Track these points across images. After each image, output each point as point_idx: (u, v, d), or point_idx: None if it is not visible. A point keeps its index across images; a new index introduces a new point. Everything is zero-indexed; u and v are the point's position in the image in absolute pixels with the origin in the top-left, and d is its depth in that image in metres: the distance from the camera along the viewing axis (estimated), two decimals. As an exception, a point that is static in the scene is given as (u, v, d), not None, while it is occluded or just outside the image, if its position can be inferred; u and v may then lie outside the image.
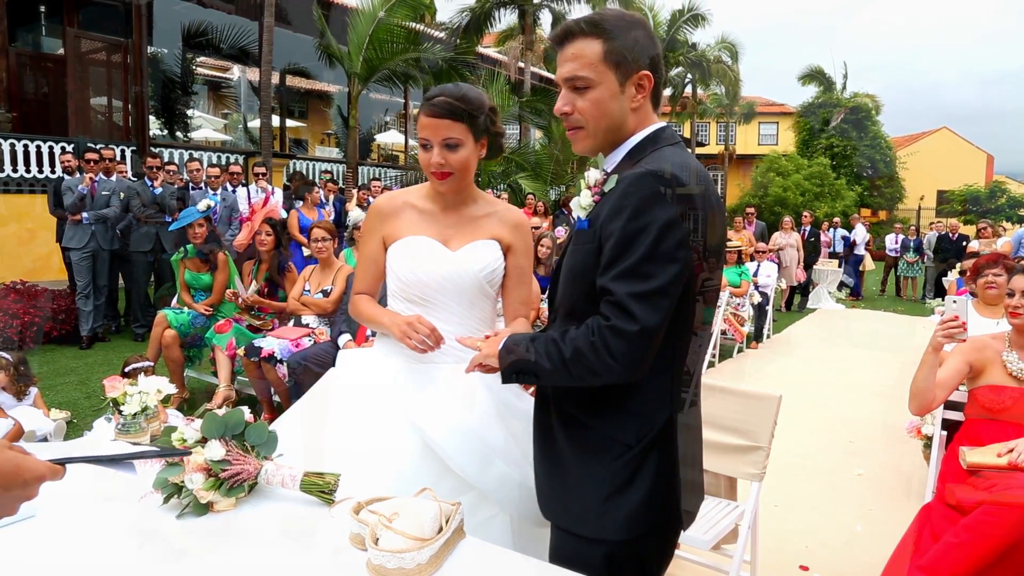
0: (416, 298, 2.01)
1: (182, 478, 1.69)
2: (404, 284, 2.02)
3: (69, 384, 6.00)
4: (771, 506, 3.95)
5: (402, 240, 2.03)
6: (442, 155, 1.93)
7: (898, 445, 5.05)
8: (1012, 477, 2.51)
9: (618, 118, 1.52)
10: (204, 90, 19.78)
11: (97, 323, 7.61)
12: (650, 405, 1.49)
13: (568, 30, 1.52)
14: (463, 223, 2.06)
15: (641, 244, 1.37)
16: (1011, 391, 2.81)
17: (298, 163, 15.49)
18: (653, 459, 1.48)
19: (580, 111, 1.52)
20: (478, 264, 2.01)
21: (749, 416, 2.75)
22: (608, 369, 1.40)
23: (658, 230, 1.36)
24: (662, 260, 1.37)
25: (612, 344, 1.38)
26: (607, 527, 1.49)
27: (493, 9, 18.59)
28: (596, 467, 1.50)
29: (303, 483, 1.73)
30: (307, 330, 5.01)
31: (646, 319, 1.36)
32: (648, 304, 1.37)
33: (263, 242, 5.46)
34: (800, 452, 4.97)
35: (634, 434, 1.48)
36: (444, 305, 2.00)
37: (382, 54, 13.91)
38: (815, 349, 9.22)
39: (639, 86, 1.51)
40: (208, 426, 1.77)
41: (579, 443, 1.54)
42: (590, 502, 1.50)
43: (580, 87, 1.50)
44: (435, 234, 2.03)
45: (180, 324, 5.43)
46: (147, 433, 2.13)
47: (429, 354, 1.91)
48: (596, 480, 1.50)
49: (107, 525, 1.65)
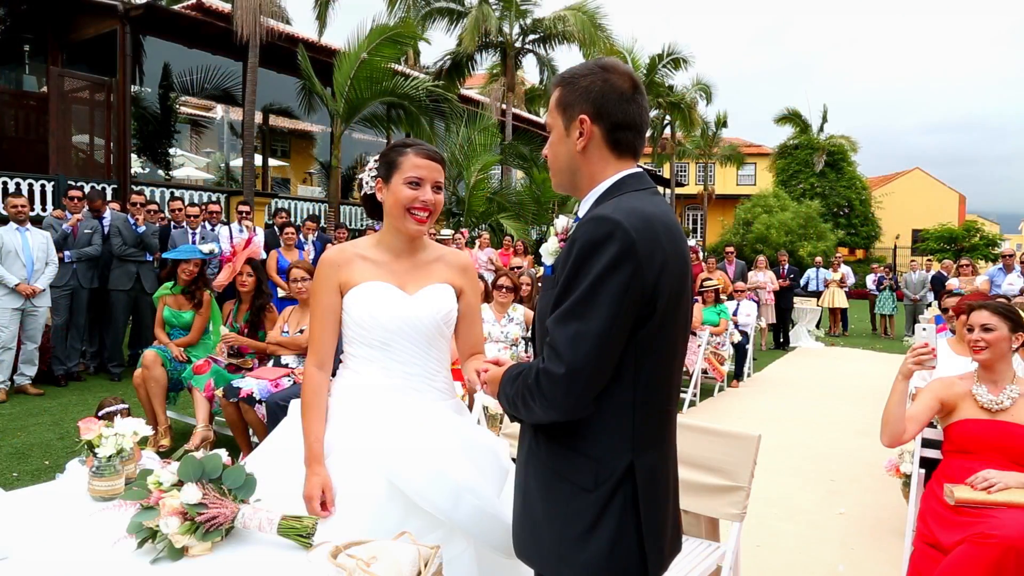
0: (375, 342, 2.04)
1: (157, 522, 1.67)
2: (363, 329, 2.04)
3: (42, 425, 5.89)
4: (753, 546, 3.94)
5: (360, 286, 2.06)
6: (432, 195, 2.03)
7: (879, 483, 5.06)
8: (1000, 513, 2.53)
9: (566, 161, 1.59)
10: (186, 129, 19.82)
11: (73, 362, 7.51)
12: (607, 449, 1.47)
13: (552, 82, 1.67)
14: (416, 268, 2.12)
15: (577, 287, 1.40)
16: (984, 424, 2.86)
17: (280, 202, 15.52)
18: (616, 505, 1.46)
19: (545, 155, 1.65)
20: (435, 307, 2.07)
21: (729, 456, 2.76)
22: (543, 409, 1.44)
23: (596, 274, 1.38)
24: (597, 304, 1.37)
25: (544, 385, 1.41)
26: (566, 571, 1.48)
27: (475, 52, 18.92)
28: (559, 508, 1.50)
29: (280, 527, 1.71)
30: (286, 370, 4.97)
31: (573, 361, 1.38)
32: (577, 346, 1.38)
33: (244, 283, 5.43)
34: (781, 491, 4.96)
35: (591, 478, 1.47)
36: (403, 348, 2.04)
37: (364, 94, 14.06)
38: (795, 388, 9.26)
39: (580, 130, 1.55)
40: (185, 469, 1.76)
41: (541, 482, 1.54)
42: (552, 543, 1.50)
43: (547, 133, 1.64)
44: (391, 279, 2.08)
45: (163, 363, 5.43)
46: (122, 476, 2.10)
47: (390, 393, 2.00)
48: (558, 521, 1.49)
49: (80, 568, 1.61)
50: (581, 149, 1.55)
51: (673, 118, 27.00)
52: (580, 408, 1.43)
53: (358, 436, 1.97)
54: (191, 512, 1.67)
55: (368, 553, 1.47)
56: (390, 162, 2.05)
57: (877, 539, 4.19)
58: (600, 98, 1.53)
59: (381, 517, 1.83)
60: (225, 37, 12.97)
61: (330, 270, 2.09)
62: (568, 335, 1.39)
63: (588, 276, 1.38)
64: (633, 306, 1.40)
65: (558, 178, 1.64)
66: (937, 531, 2.68)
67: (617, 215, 1.40)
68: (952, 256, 24.00)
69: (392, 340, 2.03)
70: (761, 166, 36.84)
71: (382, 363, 2.04)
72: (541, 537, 1.53)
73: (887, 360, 11.69)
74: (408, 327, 2.03)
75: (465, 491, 1.85)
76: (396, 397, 2.00)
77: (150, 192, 12.42)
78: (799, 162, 32.21)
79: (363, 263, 2.09)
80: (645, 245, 1.39)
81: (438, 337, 2.08)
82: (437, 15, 18.69)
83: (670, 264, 1.45)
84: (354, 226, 16.06)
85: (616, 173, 1.56)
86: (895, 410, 2.90)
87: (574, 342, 1.38)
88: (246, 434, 4.89)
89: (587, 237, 1.40)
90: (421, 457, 1.88)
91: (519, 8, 18.84)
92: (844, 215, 31.35)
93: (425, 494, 1.84)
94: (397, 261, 2.11)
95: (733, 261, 12.45)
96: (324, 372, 2.08)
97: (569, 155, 1.58)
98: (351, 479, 1.91)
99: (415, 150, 2.03)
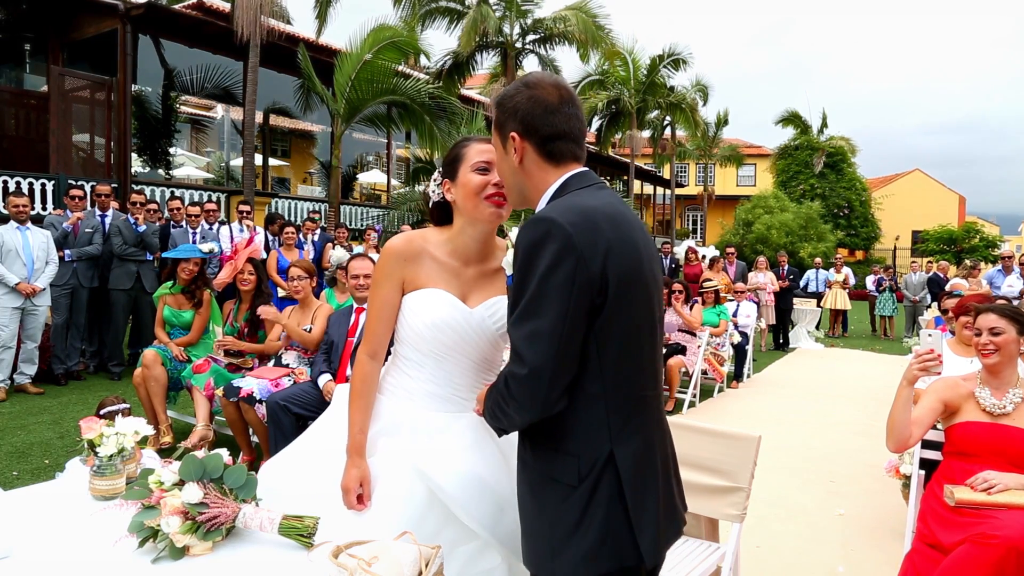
0: (429, 351, 1.97)
1: (158, 521, 1.67)
2: (418, 337, 1.96)
3: (42, 424, 5.89)
4: (752, 547, 3.94)
5: (421, 292, 1.96)
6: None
7: (878, 484, 5.06)
8: (1002, 513, 2.53)
9: (510, 177, 1.67)
10: (187, 128, 19.83)
11: (73, 361, 7.51)
12: (585, 443, 1.49)
13: None
14: (481, 277, 2.01)
15: (527, 289, 1.44)
16: (985, 427, 2.86)
17: (280, 202, 15.51)
18: (602, 497, 1.48)
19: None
20: (494, 321, 1.97)
21: (729, 457, 2.76)
22: (517, 411, 1.48)
23: (540, 273, 1.42)
24: (546, 301, 1.42)
25: (512, 388, 1.46)
26: (561, 570, 1.50)
27: (476, 52, 18.92)
28: (547, 508, 1.52)
29: (282, 526, 1.71)
30: (287, 370, 4.97)
31: (533, 360, 1.42)
32: (533, 345, 1.42)
33: (245, 281, 5.44)
34: (781, 492, 4.97)
35: (574, 474, 1.49)
36: (456, 361, 1.97)
37: (365, 94, 14.06)
38: (795, 389, 9.27)
39: (514, 147, 1.61)
40: (186, 469, 1.76)
41: (530, 484, 1.58)
42: (546, 544, 1.52)
43: None
44: (455, 289, 1.97)
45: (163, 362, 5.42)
46: (123, 475, 2.10)
47: (438, 401, 1.96)
48: (548, 522, 1.52)
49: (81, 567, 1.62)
50: (519, 164, 1.62)
51: (674, 119, 27.00)
52: (549, 405, 1.46)
53: (402, 443, 1.92)
54: (192, 511, 1.67)
55: (369, 553, 1.47)
56: (452, 159, 1.96)
57: (877, 540, 4.19)
58: (527, 115, 1.59)
59: (418, 524, 1.78)
60: (226, 36, 12.98)
61: (396, 263, 1.98)
62: (524, 335, 1.44)
63: (535, 276, 1.43)
64: (583, 297, 1.43)
65: (510, 196, 1.73)
66: (938, 531, 2.68)
67: (552, 214, 1.46)
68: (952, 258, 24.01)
69: (446, 353, 1.95)
70: (761, 167, 36.87)
71: (432, 371, 1.97)
72: (535, 538, 1.55)
73: (887, 361, 11.70)
74: (464, 341, 1.95)
75: (508, 506, 1.80)
76: (443, 407, 1.95)
77: (150, 191, 12.43)
78: (799, 163, 32.23)
79: (432, 264, 1.98)
80: (584, 236, 1.43)
81: (493, 350, 2.01)
82: (438, 15, 18.68)
83: (615, 250, 1.47)
84: (354, 226, 16.06)
85: (558, 179, 1.60)
86: (900, 416, 2.89)
87: (531, 341, 1.42)
88: (246, 434, 4.89)
89: (527, 239, 1.46)
90: (465, 470, 1.84)
91: (520, 8, 18.85)
92: (844, 216, 31.38)
93: (468, 508, 1.80)
94: (465, 268, 1.99)
95: (734, 262, 12.45)
96: (376, 363, 2.01)
97: (512, 171, 1.65)
98: (391, 483, 1.87)
99: (476, 139, 1.98)
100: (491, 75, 21.25)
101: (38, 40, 13.42)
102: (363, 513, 1.83)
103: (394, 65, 14.39)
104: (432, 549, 1.54)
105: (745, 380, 9.57)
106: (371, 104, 14.47)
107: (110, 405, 4.40)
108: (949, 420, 2.99)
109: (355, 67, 13.72)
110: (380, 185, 21.67)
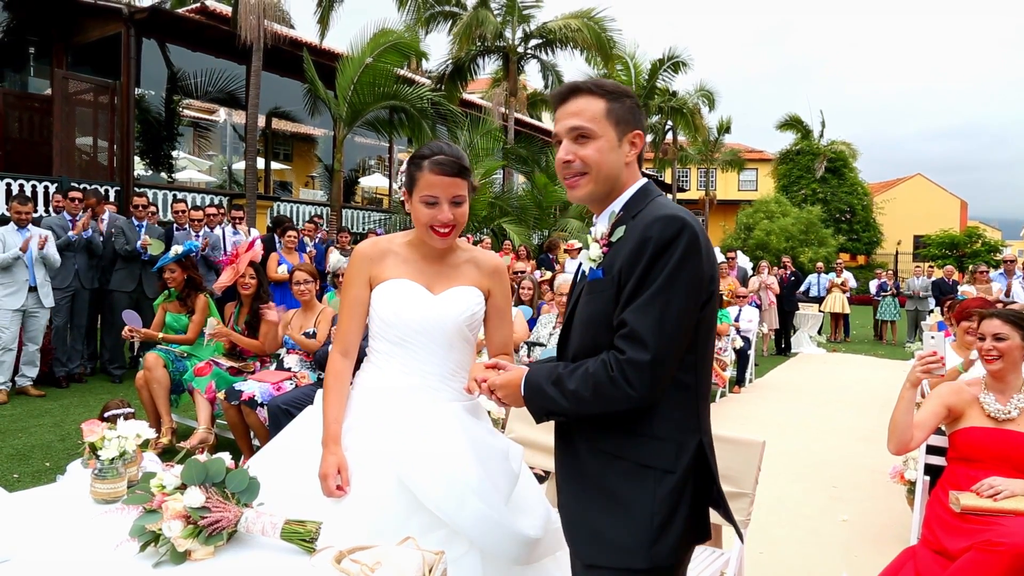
0: (397, 339, 2.09)
1: (160, 525, 1.66)
2: (386, 325, 2.10)
3: (43, 426, 5.89)
4: (756, 553, 3.92)
5: (387, 282, 2.11)
6: (451, 211, 2.04)
7: (882, 490, 5.04)
8: (1008, 520, 2.51)
9: (614, 169, 1.67)
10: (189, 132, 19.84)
11: (74, 364, 7.50)
12: (679, 430, 1.58)
13: (575, 88, 1.69)
14: (445, 269, 2.16)
15: (654, 280, 1.51)
16: (990, 432, 2.84)
17: (282, 205, 15.51)
18: (691, 482, 1.58)
19: (584, 159, 1.66)
20: (459, 308, 2.11)
21: (733, 462, 2.74)
22: (627, 398, 1.51)
23: (672, 267, 1.50)
24: (674, 293, 1.50)
25: (629, 374, 1.50)
26: (660, 554, 1.55)
27: (477, 56, 18.91)
28: (642, 497, 1.56)
29: (284, 531, 1.70)
30: (288, 373, 4.96)
31: (657, 347, 1.49)
32: (660, 333, 1.49)
33: (246, 284, 5.43)
34: (784, 498, 4.95)
35: (672, 459, 1.57)
36: (424, 347, 2.09)
37: (367, 98, 14.07)
38: (797, 394, 9.24)
39: (632, 143, 1.68)
40: (188, 473, 1.75)
41: (616, 476, 1.60)
42: (642, 534, 1.55)
43: (583, 138, 1.65)
44: (419, 279, 2.13)
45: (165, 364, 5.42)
46: (124, 479, 2.09)
47: (408, 392, 2.04)
48: (644, 510, 1.56)
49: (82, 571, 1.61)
50: (628, 162, 1.69)
51: (675, 123, 26.98)
52: (659, 392, 1.54)
53: (369, 436, 2.01)
54: (194, 516, 1.66)
55: (372, 559, 1.46)
56: (410, 175, 2.07)
57: (880, 546, 4.17)
58: (642, 119, 1.73)
59: (384, 511, 1.87)
60: (229, 40, 13.00)
61: (363, 263, 2.15)
62: (650, 323, 1.50)
63: (665, 268, 1.51)
64: (701, 292, 1.55)
65: (596, 184, 1.68)
66: (943, 538, 2.66)
67: (681, 214, 1.56)
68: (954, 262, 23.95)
69: (413, 338, 2.08)
70: (763, 172, 36.84)
71: (402, 360, 2.09)
72: (625, 531, 1.57)
73: (889, 366, 11.67)
74: (430, 327, 2.08)
75: (471, 494, 1.85)
76: (411, 396, 2.04)
77: (152, 195, 12.43)
78: (800, 168, 32.21)
79: (395, 259, 2.15)
80: (703, 238, 1.56)
81: (459, 339, 2.12)
82: (441, 18, 18.68)
83: (712, 253, 1.63)
84: (356, 229, 16.06)
85: (636, 181, 1.71)
86: (902, 418, 2.88)
87: (658, 329, 1.49)
88: (248, 437, 4.88)
89: (660, 234, 1.53)
90: (428, 458, 1.90)
91: (521, 13, 18.83)
92: (846, 221, 31.34)
93: (430, 495, 1.86)
94: (427, 261, 2.15)
95: (735, 266, 12.44)
96: (347, 360, 2.15)
97: (618, 165, 1.67)
98: (358, 474, 1.95)
99: (430, 164, 2.01)
100: (492, 80, 21.23)
101: (42, 43, 13.45)
102: (339, 502, 1.91)
103: (396, 69, 14.40)
104: (436, 555, 1.53)
105: (747, 385, 9.55)
106: (373, 108, 14.48)
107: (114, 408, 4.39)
108: (953, 425, 2.97)
109: (357, 71, 13.74)
110: (382, 189, 21.67)
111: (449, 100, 16.80)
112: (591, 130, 1.64)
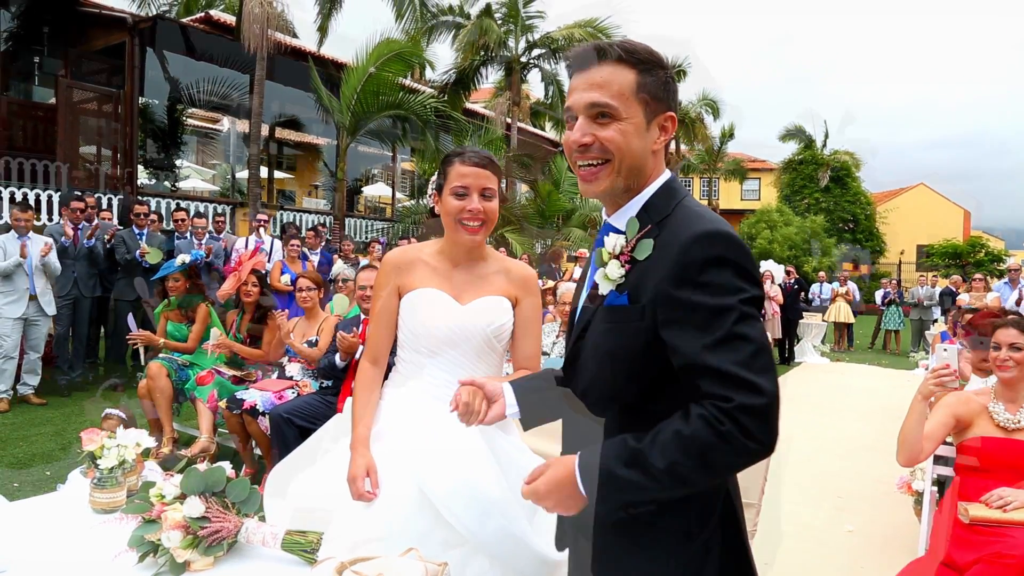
0: (424, 349, 2.07)
1: (159, 536, 1.64)
2: (414, 335, 2.08)
3: (44, 435, 5.87)
4: (761, 564, 3.87)
5: (415, 291, 2.08)
6: (480, 203, 2.00)
7: (887, 501, 5.00)
8: (1017, 532, 2.48)
9: (640, 157, 1.35)
10: (193, 140, 19.92)
11: (76, 372, 7.48)
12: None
13: (599, 51, 1.33)
14: (474, 279, 2.11)
15: (727, 309, 1.22)
16: (1000, 442, 2.81)
17: (285, 214, 15.54)
18: (716, 540, 1.34)
19: (606, 142, 1.33)
20: (486, 318, 2.07)
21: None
22: (750, 453, 1.22)
23: (737, 291, 1.23)
24: (750, 319, 1.23)
25: (747, 424, 1.19)
26: None
27: (480, 66, 18.97)
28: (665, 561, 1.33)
29: (285, 542, 1.68)
30: (290, 382, 4.94)
31: (768, 384, 1.20)
32: (761, 368, 1.21)
33: (248, 292, 5.42)
34: (789, 509, 4.90)
35: (696, 519, 1.32)
36: (451, 357, 2.06)
37: (370, 108, 14.11)
38: (801, 403, 9.19)
39: (663, 127, 1.37)
40: (188, 482, 1.73)
41: (637, 542, 1.35)
42: None
43: (605, 116, 1.32)
44: (447, 288, 2.09)
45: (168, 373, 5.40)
46: (124, 488, 2.07)
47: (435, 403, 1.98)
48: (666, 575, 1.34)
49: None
50: (656, 150, 1.37)
51: (678, 132, 27.00)
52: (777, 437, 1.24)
53: (398, 445, 1.98)
54: (193, 526, 1.64)
55: (374, 570, 1.44)
56: (442, 173, 2.06)
57: (887, 557, 4.12)
58: (676, 97, 1.38)
59: (409, 523, 1.84)
60: (232, 50, 13.05)
61: (391, 271, 2.13)
62: (745, 359, 1.20)
63: (732, 295, 1.23)
64: (760, 307, 1.30)
65: (619, 177, 1.35)
66: (951, 549, 2.63)
67: (723, 227, 1.28)
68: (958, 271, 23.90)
69: (440, 348, 2.05)
70: (765, 181, 36.84)
71: (430, 371, 2.07)
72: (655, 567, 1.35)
73: (894, 376, 11.61)
74: (457, 336, 2.04)
75: (494, 510, 1.82)
76: (438, 408, 1.96)
77: (155, 203, 12.46)
78: (804, 177, 32.23)
79: (423, 268, 2.11)
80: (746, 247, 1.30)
81: (487, 349, 2.08)
82: (443, 28, 18.76)
83: None
84: (359, 239, 16.08)
85: (661, 174, 1.40)
86: (913, 430, 2.84)
87: (757, 364, 1.20)
88: (249, 446, 4.85)
89: (711, 255, 1.24)
90: (452, 473, 1.87)
91: (524, 23, 18.90)
92: (849, 230, 31.31)
93: (453, 510, 1.83)
94: (456, 270, 2.11)
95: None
96: (377, 368, 2.13)
97: (644, 153, 1.35)
98: (387, 483, 1.92)
99: (461, 158, 2.02)
100: (495, 89, 21.29)
101: (47, 53, 13.52)
102: (360, 511, 1.88)
103: (399, 78, 14.45)
104: (438, 566, 1.50)
105: (751, 394, 9.49)
106: (376, 117, 14.53)
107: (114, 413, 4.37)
108: (962, 435, 2.94)
109: (360, 80, 13.79)
110: (385, 198, 21.74)
111: (452, 110, 16.84)
112: (616, 109, 1.31)
